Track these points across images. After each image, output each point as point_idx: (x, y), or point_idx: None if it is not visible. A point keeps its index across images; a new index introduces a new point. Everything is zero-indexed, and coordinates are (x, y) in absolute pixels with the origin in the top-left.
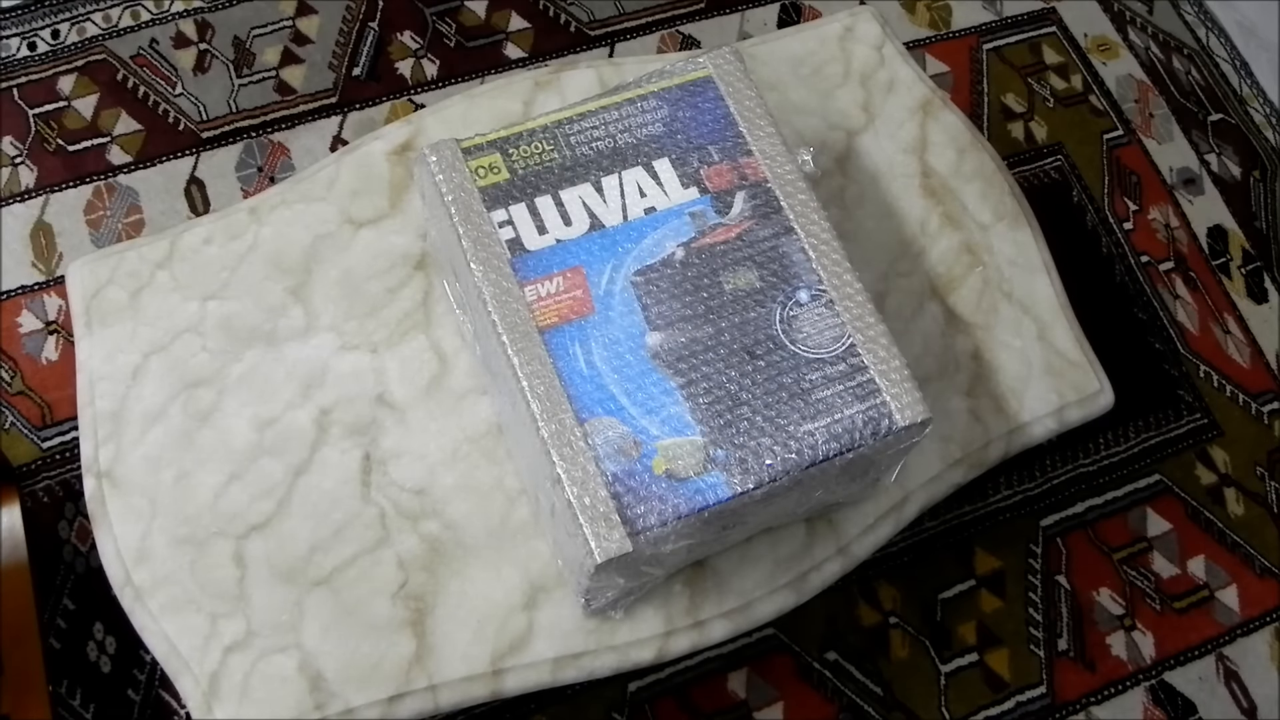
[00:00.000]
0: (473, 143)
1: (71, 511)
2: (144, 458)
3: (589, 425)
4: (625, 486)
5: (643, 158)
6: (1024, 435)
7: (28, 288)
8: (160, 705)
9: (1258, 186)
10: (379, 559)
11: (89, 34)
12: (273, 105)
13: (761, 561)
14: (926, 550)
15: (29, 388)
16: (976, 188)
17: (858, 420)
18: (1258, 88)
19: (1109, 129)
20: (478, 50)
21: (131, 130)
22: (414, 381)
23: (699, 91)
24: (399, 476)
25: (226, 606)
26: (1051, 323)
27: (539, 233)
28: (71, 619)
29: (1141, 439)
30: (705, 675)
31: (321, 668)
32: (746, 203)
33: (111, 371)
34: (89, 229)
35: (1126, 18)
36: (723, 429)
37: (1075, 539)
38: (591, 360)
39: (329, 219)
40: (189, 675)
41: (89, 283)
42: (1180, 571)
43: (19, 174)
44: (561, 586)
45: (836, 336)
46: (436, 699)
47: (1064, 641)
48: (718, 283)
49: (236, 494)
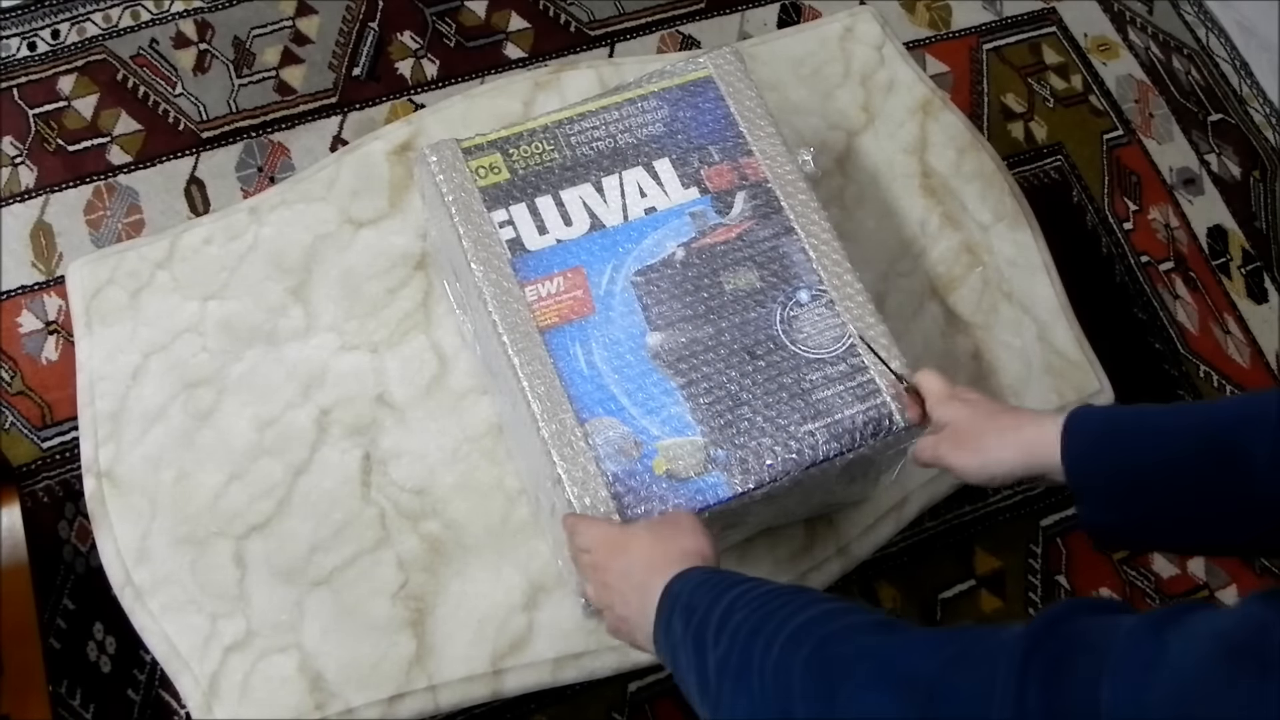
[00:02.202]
0: (473, 143)
1: (71, 511)
2: (144, 458)
3: (589, 425)
4: (626, 486)
5: (643, 158)
6: None
7: (28, 288)
8: (160, 705)
9: (1258, 186)
10: (379, 559)
11: (89, 34)
12: (273, 105)
13: (761, 561)
14: (926, 550)
15: (29, 388)
16: (976, 188)
17: (858, 420)
18: (1258, 88)
19: (1109, 129)
20: (478, 50)
21: (131, 130)
22: (414, 381)
23: (699, 91)
24: (399, 476)
25: (226, 606)
26: (1051, 323)
27: (539, 233)
28: (71, 619)
29: None
30: None
31: (321, 668)
32: (747, 203)
33: (111, 371)
34: (89, 229)
35: (1126, 18)
36: (723, 429)
37: (1075, 539)
38: (592, 360)
39: (329, 219)
40: (189, 675)
41: (89, 283)
42: (1180, 571)
43: (19, 174)
44: (561, 586)
45: (837, 337)
46: (436, 699)
47: None
48: (718, 283)
49: (236, 494)
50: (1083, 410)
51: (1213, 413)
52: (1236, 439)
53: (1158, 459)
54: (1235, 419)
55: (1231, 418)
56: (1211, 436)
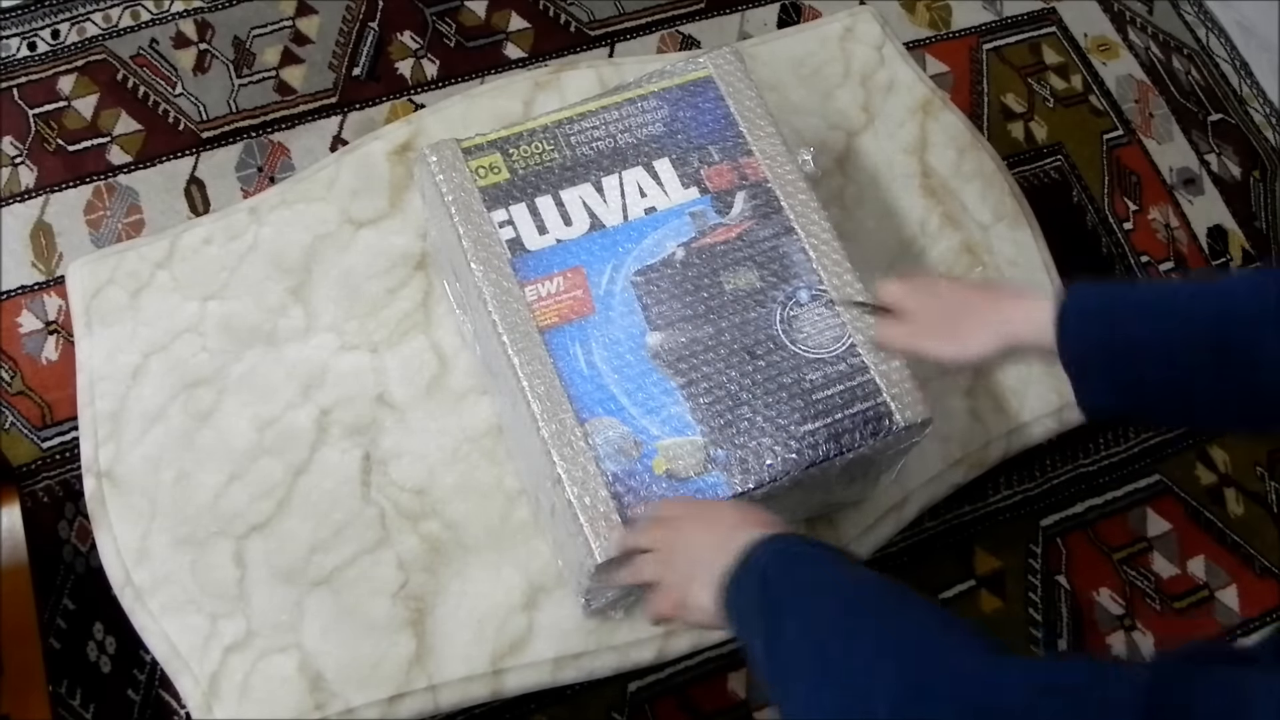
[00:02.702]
0: (473, 143)
1: (71, 511)
2: (144, 458)
3: (589, 425)
4: (626, 486)
5: (643, 158)
6: (1024, 435)
7: (28, 288)
8: (160, 705)
9: (1258, 186)
10: (379, 559)
11: (89, 34)
12: (273, 105)
13: None
14: (926, 550)
15: (29, 388)
16: (976, 188)
17: (858, 420)
18: (1258, 88)
19: (1109, 129)
20: (478, 50)
21: (131, 130)
22: (414, 381)
23: (699, 91)
24: (399, 476)
25: (226, 606)
26: None
27: (539, 233)
28: (71, 619)
29: (1141, 439)
30: (705, 675)
31: (321, 668)
32: (747, 203)
33: (111, 371)
34: (89, 229)
35: (1126, 18)
36: (723, 429)
37: (1075, 539)
38: (592, 360)
39: (329, 219)
40: (189, 675)
41: (89, 283)
42: (1180, 571)
43: (19, 174)
44: (561, 586)
45: (837, 337)
46: (436, 699)
47: (1064, 641)
48: (718, 283)
49: (236, 494)
50: (1078, 288)
51: (1218, 300)
52: (1242, 331)
53: (1158, 341)
54: (1242, 311)
55: (1238, 308)
56: (1217, 325)
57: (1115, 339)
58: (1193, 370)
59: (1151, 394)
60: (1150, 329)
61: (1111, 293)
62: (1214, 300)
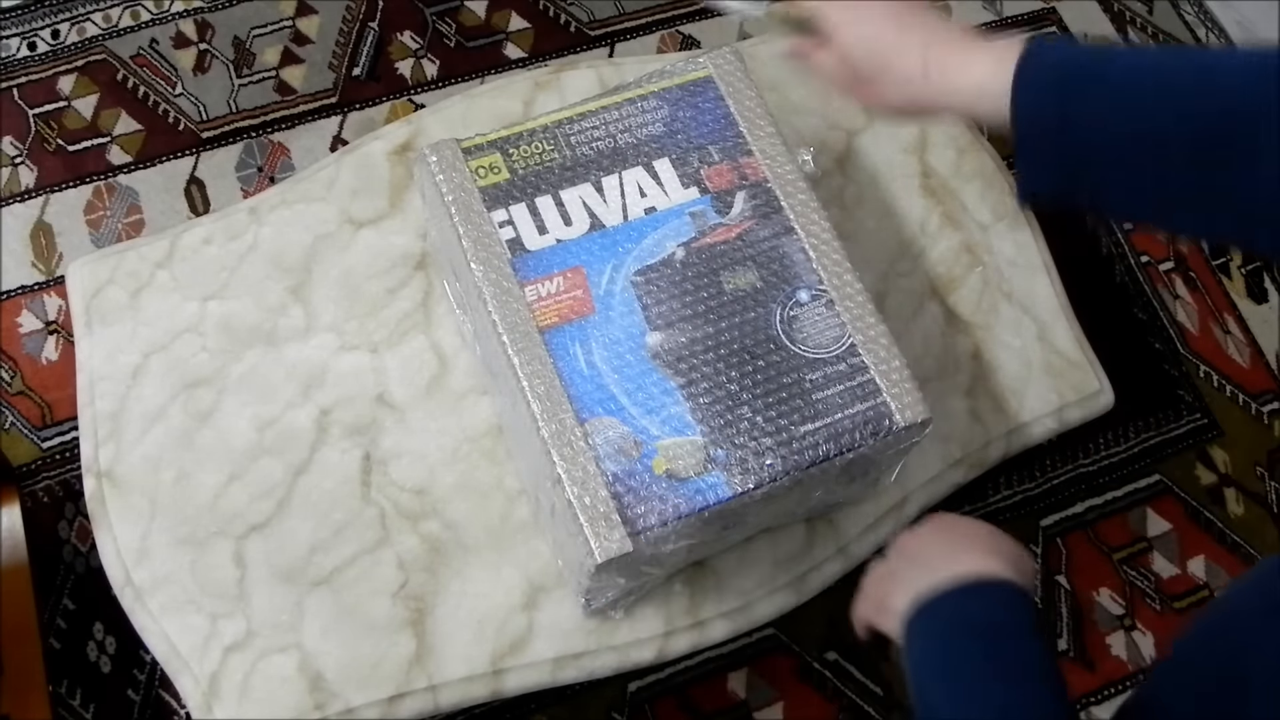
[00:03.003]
0: (473, 143)
1: (71, 511)
2: (144, 458)
3: (589, 425)
4: (625, 486)
5: (643, 158)
6: (1024, 435)
7: (28, 288)
8: (160, 705)
9: None
10: (379, 559)
11: (89, 34)
12: (273, 105)
13: (761, 561)
14: None
15: (29, 388)
16: (976, 188)
17: (858, 420)
18: None
19: None
20: (478, 50)
21: (131, 130)
22: (414, 381)
23: (699, 91)
24: (399, 476)
25: (226, 606)
26: (1051, 323)
27: (539, 233)
28: (71, 619)
29: (1141, 439)
30: (705, 675)
31: (321, 668)
32: (747, 203)
33: (111, 371)
34: (89, 229)
35: (1126, 18)
36: (723, 429)
37: (1075, 539)
38: (592, 360)
39: (329, 219)
40: (189, 675)
41: (89, 283)
42: (1180, 571)
43: (19, 174)
44: (561, 586)
45: (837, 337)
46: (436, 699)
47: (1064, 641)
48: (718, 283)
49: (236, 494)
50: (1039, 48)
51: (1213, 83)
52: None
53: (1129, 131)
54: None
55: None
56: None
57: (1074, 124)
58: (1169, 167)
59: (1113, 189)
60: (1123, 115)
61: (1076, 63)
62: (1210, 82)
